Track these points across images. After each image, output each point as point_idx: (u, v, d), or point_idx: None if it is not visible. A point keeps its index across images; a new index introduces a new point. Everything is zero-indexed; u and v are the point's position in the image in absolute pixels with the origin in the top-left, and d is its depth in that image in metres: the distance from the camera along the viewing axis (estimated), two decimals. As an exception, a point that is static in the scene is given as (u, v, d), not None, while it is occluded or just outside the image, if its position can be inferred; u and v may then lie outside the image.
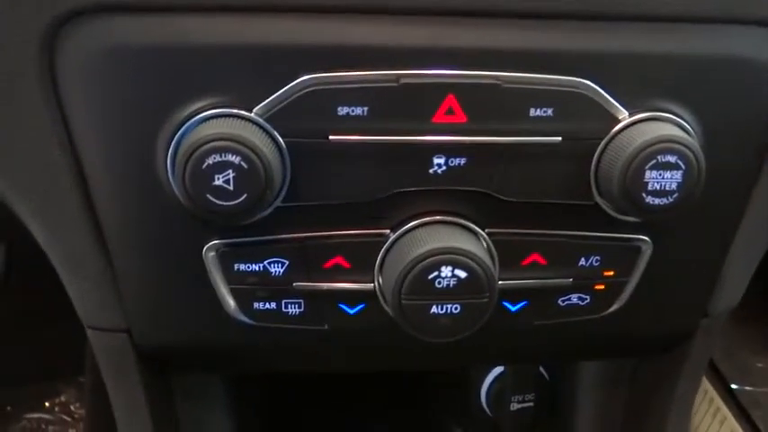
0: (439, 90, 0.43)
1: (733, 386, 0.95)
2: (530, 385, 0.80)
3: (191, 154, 0.40)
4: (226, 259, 0.47)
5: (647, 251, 0.50)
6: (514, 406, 0.81)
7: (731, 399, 0.94)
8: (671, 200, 0.43)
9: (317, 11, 0.42)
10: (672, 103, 0.45)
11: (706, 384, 0.97)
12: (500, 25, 0.43)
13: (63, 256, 0.50)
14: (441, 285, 0.44)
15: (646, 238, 0.49)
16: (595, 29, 0.44)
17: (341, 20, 0.42)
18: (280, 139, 0.43)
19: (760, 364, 0.99)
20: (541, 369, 0.81)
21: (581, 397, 0.74)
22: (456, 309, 0.45)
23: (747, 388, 0.95)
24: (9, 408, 1.19)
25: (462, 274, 0.44)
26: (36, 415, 1.19)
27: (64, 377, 1.21)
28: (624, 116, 0.44)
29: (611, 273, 0.50)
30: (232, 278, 0.47)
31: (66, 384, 1.21)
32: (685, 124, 0.45)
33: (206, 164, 0.40)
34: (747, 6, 0.45)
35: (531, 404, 0.81)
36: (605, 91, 0.44)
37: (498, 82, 0.43)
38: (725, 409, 0.94)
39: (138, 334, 0.52)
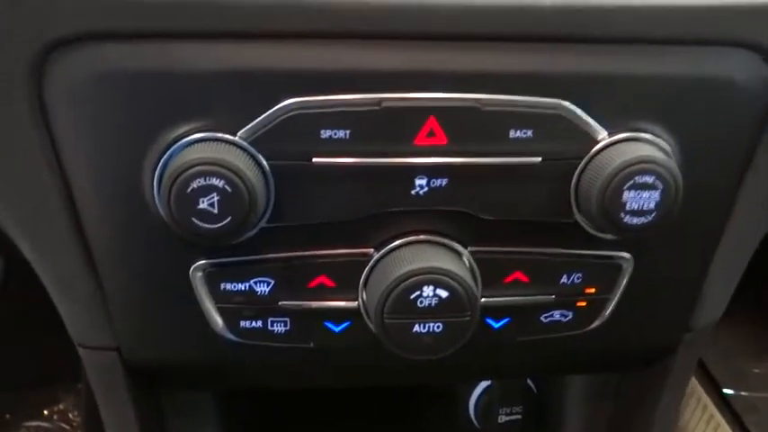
0: (420, 113, 0.43)
1: (728, 392, 0.94)
2: (517, 398, 0.80)
3: (176, 178, 0.41)
4: (212, 279, 0.47)
5: (628, 268, 0.50)
6: (502, 418, 0.81)
7: (725, 405, 0.94)
8: (649, 219, 0.44)
9: (300, 36, 0.43)
10: (650, 124, 0.45)
11: (699, 391, 0.96)
12: (479, 48, 0.44)
13: (53, 278, 0.50)
14: (423, 305, 0.45)
15: (627, 255, 0.50)
16: (574, 51, 0.44)
17: (323, 45, 0.43)
18: (264, 162, 0.43)
19: (756, 370, 0.99)
20: (529, 382, 0.81)
21: (568, 410, 0.75)
22: (438, 327, 0.46)
23: (743, 393, 0.94)
24: (8, 416, 1.19)
25: (444, 293, 0.45)
26: (35, 423, 1.18)
27: (63, 384, 1.20)
28: (603, 137, 0.45)
29: (593, 290, 0.51)
30: (219, 297, 0.48)
31: (65, 392, 1.21)
32: (664, 144, 0.45)
33: (191, 188, 0.41)
34: (726, 28, 0.45)
35: (519, 416, 0.81)
36: (584, 112, 0.44)
37: (478, 105, 0.43)
38: (718, 416, 0.93)
39: (127, 352, 0.52)
